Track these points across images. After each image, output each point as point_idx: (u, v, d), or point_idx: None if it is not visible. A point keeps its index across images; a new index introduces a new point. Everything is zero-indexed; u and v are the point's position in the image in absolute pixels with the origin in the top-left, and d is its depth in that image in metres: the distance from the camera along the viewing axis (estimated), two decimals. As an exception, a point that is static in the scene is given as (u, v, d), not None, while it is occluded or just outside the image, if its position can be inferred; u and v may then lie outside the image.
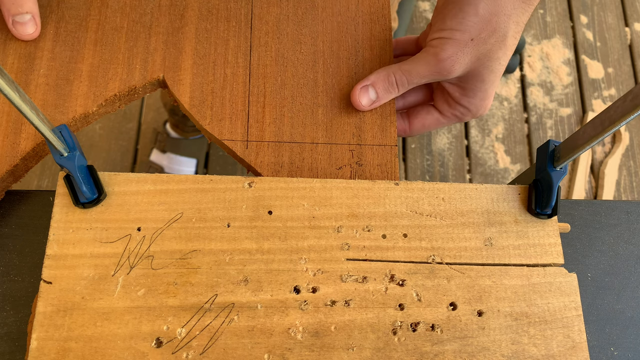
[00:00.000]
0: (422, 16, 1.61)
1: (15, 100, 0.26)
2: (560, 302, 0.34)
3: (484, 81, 0.39)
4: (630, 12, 1.68)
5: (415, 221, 0.35)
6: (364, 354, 0.32)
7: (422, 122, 0.44)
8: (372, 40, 0.43)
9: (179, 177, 0.35)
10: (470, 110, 0.42)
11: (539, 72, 1.57)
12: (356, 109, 0.41)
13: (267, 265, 0.33)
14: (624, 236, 0.43)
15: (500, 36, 0.38)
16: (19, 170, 0.37)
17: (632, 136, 1.53)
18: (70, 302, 0.31)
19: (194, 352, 0.31)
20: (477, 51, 0.38)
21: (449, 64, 0.38)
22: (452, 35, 0.38)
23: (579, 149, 0.33)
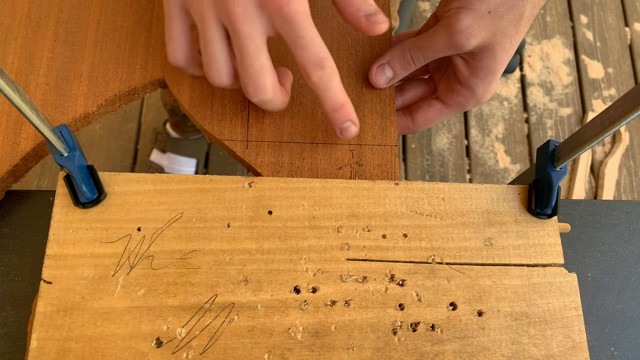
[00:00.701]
0: (422, 16, 1.61)
1: (15, 100, 0.26)
2: (560, 302, 0.34)
3: (495, 58, 0.39)
4: (630, 12, 1.68)
5: (415, 221, 0.35)
6: (364, 354, 0.32)
7: (425, 116, 0.44)
8: (372, 40, 0.43)
9: (179, 177, 0.35)
10: (476, 94, 0.41)
11: (539, 72, 1.57)
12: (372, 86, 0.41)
13: (267, 265, 0.33)
14: (624, 236, 0.43)
15: (517, 14, 0.38)
16: (19, 170, 0.37)
17: (632, 136, 1.53)
18: (70, 302, 0.31)
19: (194, 352, 0.31)
20: (494, 26, 0.38)
21: (465, 36, 0.37)
22: (470, 5, 0.37)
23: (579, 149, 0.33)
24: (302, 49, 0.32)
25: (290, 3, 0.31)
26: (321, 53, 0.33)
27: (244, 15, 0.31)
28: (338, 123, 0.35)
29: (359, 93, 0.42)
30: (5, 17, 0.39)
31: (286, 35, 0.32)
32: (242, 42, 0.32)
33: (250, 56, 0.32)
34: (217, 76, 0.34)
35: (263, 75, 0.33)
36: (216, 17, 0.32)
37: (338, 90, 0.34)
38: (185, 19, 0.34)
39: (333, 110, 0.35)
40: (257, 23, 0.32)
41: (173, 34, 0.34)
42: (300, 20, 0.32)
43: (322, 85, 0.33)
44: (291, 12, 0.31)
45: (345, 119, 0.35)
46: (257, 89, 0.33)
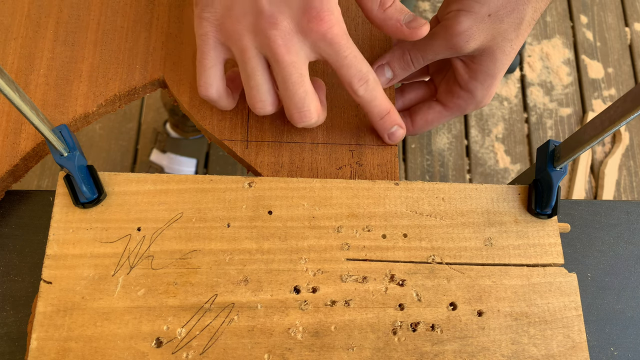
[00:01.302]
0: (422, 16, 1.61)
1: (15, 100, 0.26)
2: (560, 302, 0.34)
3: (495, 62, 0.39)
4: (630, 12, 1.68)
5: (415, 221, 0.35)
6: (364, 354, 0.32)
7: (425, 118, 0.44)
8: (372, 40, 0.43)
9: (179, 177, 0.35)
10: (475, 97, 0.41)
11: (539, 72, 1.57)
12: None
13: (267, 265, 0.33)
14: (624, 236, 0.43)
15: (517, 18, 0.38)
16: (19, 170, 0.37)
17: (632, 136, 1.53)
18: (70, 302, 0.31)
19: (194, 352, 0.31)
20: (493, 29, 0.38)
21: (464, 39, 0.38)
22: (469, 7, 0.38)
23: (579, 149, 0.33)
24: (347, 68, 0.33)
25: (332, 28, 0.32)
26: (364, 68, 0.34)
27: (287, 46, 0.32)
28: (386, 129, 0.37)
29: (359, 93, 0.42)
30: (5, 17, 0.39)
31: (330, 58, 0.33)
32: (285, 72, 0.32)
33: (294, 84, 0.33)
34: (262, 107, 0.35)
35: (307, 102, 0.34)
36: (257, 49, 0.33)
37: (382, 99, 0.36)
38: (220, 53, 0.34)
39: (380, 117, 0.36)
40: (299, 51, 0.32)
41: (206, 67, 0.35)
42: (343, 42, 0.32)
43: (368, 97, 0.35)
44: (334, 36, 0.32)
45: (392, 124, 0.37)
46: (302, 115, 0.34)
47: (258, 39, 0.32)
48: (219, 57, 0.35)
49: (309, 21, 0.31)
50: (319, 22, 0.31)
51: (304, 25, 0.32)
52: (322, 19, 0.31)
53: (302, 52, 0.33)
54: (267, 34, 0.31)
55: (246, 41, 0.33)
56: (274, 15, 0.31)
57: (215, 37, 0.34)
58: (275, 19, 0.31)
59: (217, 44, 0.34)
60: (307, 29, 0.32)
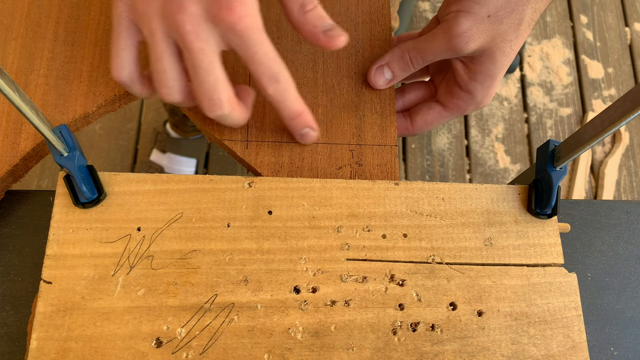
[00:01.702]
0: (422, 16, 1.61)
1: (15, 100, 0.26)
2: (560, 302, 0.34)
3: (495, 63, 0.39)
4: (630, 12, 1.68)
5: (415, 221, 0.35)
6: (364, 354, 0.32)
7: (425, 119, 0.44)
8: (372, 40, 0.43)
9: (179, 177, 0.35)
10: (475, 98, 0.41)
11: (539, 72, 1.57)
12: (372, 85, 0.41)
13: (267, 265, 0.33)
14: (624, 236, 0.43)
15: (517, 19, 0.38)
16: (19, 170, 0.37)
17: (632, 136, 1.53)
18: (70, 302, 0.31)
19: (194, 352, 0.31)
20: (493, 30, 0.38)
21: (463, 40, 0.38)
22: (469, 9, 0.37)
23: (579, 149, 0.33)
24: (256, 64, 0.32)
25: (242, 19, 0.30)
26: (275, 67, 0.32)
27: (195, 32, 0.31)
28: (296, 130, 0.36)
29: (359, 93, 0.42)
30: (5, 17, 0.39)
31: (239, 50, 0.32)
32: (194, 58, 0.31)
33: (203, 71, 0.32)
34: (168, 93, 0.34)
35: (218, 90, 0.32)
36: (166, 33, 0.31)
37: (293, 101, 0.35)
38: (133, 35, 0.33)
39: (290, 119, 0.35)
40: (209, 39, 0.31)
41: (119, 49, 0.33)
42: (254, 36, 0.31)
43: (278, 97, 0.34)
44: (244, 28, 0.30)
45: (302, 126, 0.36)
46: (212, 103, 0.33)
47: (167, 22, 0.31)
48: (132, 38, 0.33)
49: (219, 9, 0.30)
50: (229, 12, 0.30)
51: (214, 12, 0.30)
52: (232, 9, 0.30)
53: (212, 39, 0.31)
54: (175, 18, 0.30)
55: (155, 24, 0.31)
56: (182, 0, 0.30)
57: (128, 18, 0.33)
58: (183, 3, 0.30)
59: (131, 25, 0.33)
60: (217, 17, 0.30)
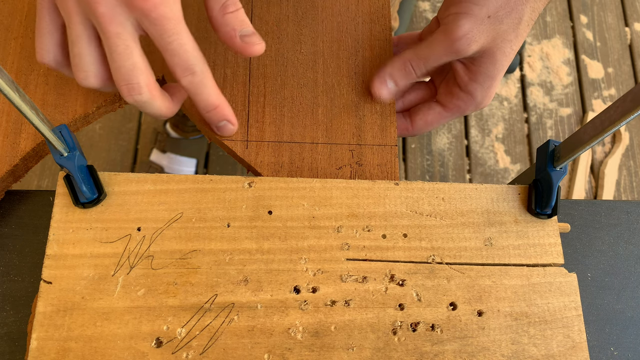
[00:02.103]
0: (422, 16, 1.61)
1: (15, 100, 0.26)
2: (560, 302, 0.34)
3: (495, 63, 0.39)
4: (630, 12, 1.68)
5: (415, 221, 0.35)
6: (364, 354, 0.32)
7: (425, 119, 0.44)
8: (372, 40, 0.43)
9: (179, 177, 0.35)
10: (475, 99, 0.41)
11: (539, 72, 1.57)
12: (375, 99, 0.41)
13: (267, 265, 0.33)
14: (624, 236, 0.43)
15: (516, 18, 0.38)
16: (19, 170, 0.37)
17: (632, 136, 1.53)
18: (70, 302, 0.31)
19: (194, 352, 0.31)
20: (493, 30, 0.38)
21: (465, 42, 0.37)
22: (468, 10, 0.37)
23: (579, 149, 0.33)
24: (169, 55, 0.31)
25: (156, 7, 0.29)
26: (190, 60, 0.32)
27: (110, 15, 0.30)
28: (213, 122, 0.36)
29: (358, 93, 0.42)
30: (5, 17, 0.39)
31: (154, 39, 0.31)
32: (110, 42, 0.31)
33: (120, 55, 0.31)
34: (84, 77, 0.33)
35: (136, 74, 0.31)
36: (83, 15, 0.31)
37: (210, 93, 0.34)
38: (56, 17, 0.33)
39: (206, 111, 0.35)
40: (125, 23, 0.31)
41: (41, 32, 0.33)
42: (168, 26, 0.30)
43: (193, 90, 0.33)
44: (159, 17, 0.30)
45: (219, 119, 0.36)
46: (130, 88, 0.32)
47: (83, 5, 0.30)
48: (54, 21, 0.33)
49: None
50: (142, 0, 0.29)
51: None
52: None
53: (128, 23, 0.30)
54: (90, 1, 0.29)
55: (71, 6, 0.30)
56: None
57: (50, 1, 0.32)
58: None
59: (52, 8, 0.32)
60: (130, 3, 0.29)
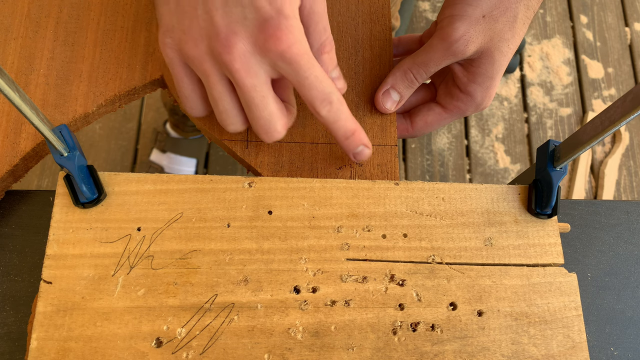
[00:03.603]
0: (422, 16, 1.61)
1: (15, 100, 0.26)
2: (560, 302, 0.34)
3: (494, 64, 0.39)
4: (630, 12, 1.68)
5: (415, 221, 0.35)
6: (364, 354, 0.32)
7: (425, 120, 0.44)
8: (372, 40, 0.43)
9: (179, 177, 0.35)
10: (475, 100, 0.41)
11: (539, 72, 1.57)
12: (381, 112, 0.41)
13: (267, 265, 0.33)
14: (624, 236, 0.43)
15: (511, 17, 0.38)
16: (19, 170, 0.37)
17: (632, 136, 1.53)
18: (70, 302, 0.31)
19: (194, 352, 0.31)
20: (490, 30, 0.38)
21: (462, 44, 0.38)
22: (463, 12, 0.37)
23: (579, 149, 0.33)
24: (308, 89, 0.32)
25: (290, 47, 0.30)
26: (326, 90, 0.32)
27: (245, 69, 0.31)
28: (351, 149, 0.36)
29: (358, 93, 0.42)
30: (5, 17, 0.39)
31: (290, 77, 0.32)
32: (248, 96, 0.32)
33: (258, 107, 0.32)
34: (233, 127, 0.35)
35: (273, 122, 0.33)
36: (220, 73, 0.32)
37: (347, 119, 0.34)
38: (191, 74, 0.34)
39: (345, 138, 0.35)
40: (259, 72, 0.31)
41: (185, 93, 0.34)
42: (304, 62, 0.31)
43: (332, 118, 0.34)
44: (294, 55, 0.30)
45: (357, 144, 0.36)
46: (269, 135, 0.34)
47: (217, 62, 0.31)
48: (192, 79, 0.34)
49: (266, 40, 0.30)
50: (276, 42, 0.30)
51: (261, 44, 0.30)
52: (280, 38, 0.30)
53: (262, 71, 0.31)
54: (224, 58, 0.30)
55: (207, 66, 0.31)
56: (228, 38, 0.30)
57: (181, 62, 0.33)
58: (229, 42, 0.30)
59: (186, 67, 0.33)
60: (265, 48, 0.30)
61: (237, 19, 0.30)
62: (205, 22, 0.30)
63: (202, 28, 0.31)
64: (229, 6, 0.30)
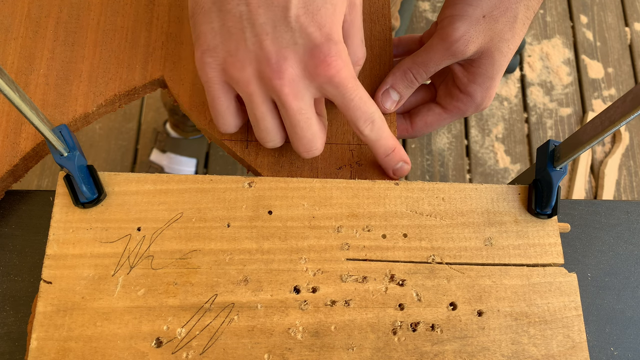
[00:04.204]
0: (422, 16, 1.61)
1: (15, 100, 0.26)
2: (560, 302, 0.34)
3: (494, 64, 0.39)
4: (630, 12, 1.68)
5: (415, 221, 0.35)
6: (364, 354, 0.32)
7: (424, 120, 0.44)
8: (372, 40, 0.43)
9: (179, 177, 0.35)
10: (475, 100, 0.41)
11: (539, 72, 1.57)
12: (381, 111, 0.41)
13: (267, 265, 0.33)
14: (624, 236, 0.43)
15: (511, 17, 0.38)
16: (19, 170, 0.37)
17: (632, 136, 1.53)
18: (70, 302, 0.31)
19: (194, 352, 0.31)
20: (490, 30, 0.38)
21: (463, 44, 0.38)
22: (463, 12, 0.38)
23: (578, 149, 0.33)
24: (353, 110, 0.33)
25: (339, 72, 0.31)
26: (370, 110, 0.33)
27: (293, 93, 0.31)
28: (391, 165, 0.37)
29: (359, 93, 0.42)
30: (5, 17, 0.39)
31: (336, 99, 0.32)
32: (293, 118, 0.32)
33: (302, 129, 0.33)
34: (273, 145, 0.36)
35: (315, 142, 0.34)
36: (265, 94, 0.32)
37: (388, 137, 0.35)
38: (229, 93, 0.34)
39: (385, 155, 0.36)
40: (306, 95, 0.32)
41: (220, 111, 0.34)
42: (350, 85, 0.32)
43: (374, 137, 0.35)
44: (342, 80, 0.31)
45: (397, 161, 0.37)
46: (310, 153, 0.35)
47: (264, 85, 0.31)
48: (229, 96, 0.34)
49: (316, 66, 0.30)
50: (326, 67, 0.30)
51: (311, 69, 0.31)
52: (330, 64, 0.30)
53: (309, 93, 0.32)
54: (274, 83, 0.31)
55: (253, 88, 0.32)
56: (279, 63, 0.30)
57: (221, 81, 0.33)
58: (280, 67, 0.30)
59: (225, 85, 0.33)
60: (314, 73, 0.31)
61: (287, 44, 0.30)
62: (255, 47, 0.31)
63: (250, 52, 0.31)
64: (278, 31, 0.30)
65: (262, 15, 0.30)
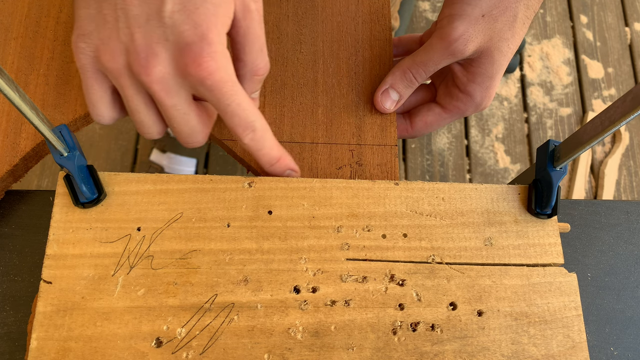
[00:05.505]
0: (422, 16, 1.61)
1: (15, 100, 0.26)
2: (560, 302, 0.34)
3: (493, 64, 0.39)
4: (630, 12, 1.68)
5: (415, 221, 0.35)
6: (364, 353, 0.32)
7: (424, 120, 0.44)
8: (372, 40, 0.43)
9: (179, 177, 0.35)
10: (475, 100, 0.41)
11: (539, 72, 1.57)
12: (380, 112, 0.41)
13: (267, 265, 0.33)
14: (624, 236, 0.43)
15: (511, 17, 0.38)
16: (19, 170, 0.37)
17: (632, 136, 1.53)
18: (70, 302, 0.31)
19: (193, 352, 0.31)
20: (489, 29, 0.38)
21: (462, 43, 0.37)
22: (462, 11, 0.37)
23: (578, 149, 0.33)
24: (230, 117, 0.31)
25: (212, 74, 0.29)
26: (250, 117, 0.32)
27: (164, 90, 0.30)
28: (277, 174, 0.36)
29: (358, 93, 0.42)
30: (5, 17, 0.39)
31: (212, 102, 0.31)
32: (167, 112, 0.31)
33: (179, 124, 0.32)
34: (150, 135, 0.34)
35: (195, 136, 0.33)
36: (136, 87, 0.31)
37: (272, 147, 0.34)
38: (103, 84, 0.32)
39: (270, 165, 0.35)
40: (180, 92, 0.30)
41: (93, 100, 0.33)
42: (226, 89, 0.30)
43: (255, 146, 0.33)
44: (215, 82, 0.29)
45: (284, 170, 0.36)
46: (189, 144, 0.34)
47: (135, 79, 0.30)
48: (103, 86, 0.32)
49: (187, 65, 0.29)
50: (197, 68, 0.29)
51: (182, 67, 0.29)
52: (200, 65, 0.29)
53: (183, 90, 0.31)
54: (142, 79, 0.29)
55: (124, 80, 0.30)
56: (148, 59, 0.29)
57: (94, 69, 0.31)
58: (149, 63, 0.29)
59: (98, 73, 0.32)
60: (185, 72, 0.29)
61: (159, 39, 0.29)
62: (126, 37, 0.29)
63: (121, 42, 0.29)
64: (151, 26, 0.29)
65: (136, 6, 0.29)
